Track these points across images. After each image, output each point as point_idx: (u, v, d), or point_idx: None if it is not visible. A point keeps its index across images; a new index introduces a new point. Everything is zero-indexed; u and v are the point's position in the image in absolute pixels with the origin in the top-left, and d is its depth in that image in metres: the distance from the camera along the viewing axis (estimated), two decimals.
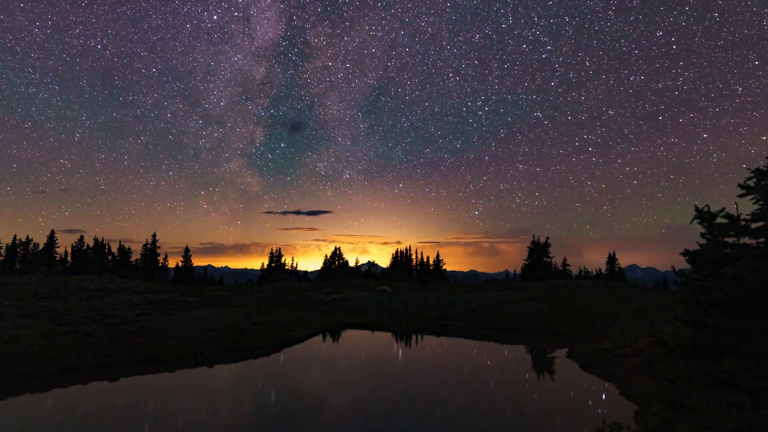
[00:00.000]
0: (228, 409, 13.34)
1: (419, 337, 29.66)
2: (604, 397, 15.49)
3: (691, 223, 7.25)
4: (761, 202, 6.67)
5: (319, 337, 27.98)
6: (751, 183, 6.87)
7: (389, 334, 30.61)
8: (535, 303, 37.05)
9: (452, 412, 13.37)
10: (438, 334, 30.24)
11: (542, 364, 21.80)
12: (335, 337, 28.91)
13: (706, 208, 7.21)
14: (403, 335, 30.27)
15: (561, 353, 23.35)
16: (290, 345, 24.62)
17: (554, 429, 12.27)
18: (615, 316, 28.30)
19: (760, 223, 6.62)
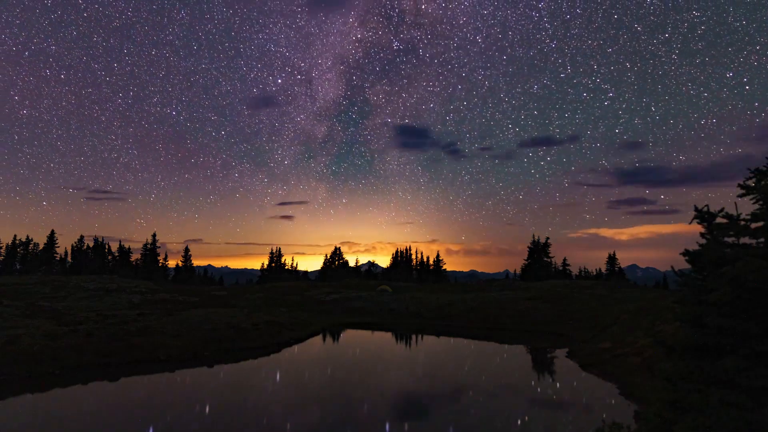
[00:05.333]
0: (227, 409, 13.34)
1: (419, 337, 29.65)
2: (604, 397, 15.49)
3: (690, 223, 7.24)
4: (761, 202, 6.66)
5: (320, 337, 27.99)
6: (750, 183, 6.86)
7: (389, 334, 30.59)
8: (535, 303, 37.03)
9: (451, 412, 13.37)
10: (438, 334, 30.23)
11: (542, 364, 21.79)
12: (335, 336, 28.91)
13: (705, 208, 7.21)
14: (403, 335, 30.26)
15: (561, 353, 23.35)
16: (290, 345, 24.62)
17: (554, 429, 12.27)
18: (615, 316, 28.28)
19: (760, 223, 6.61)
